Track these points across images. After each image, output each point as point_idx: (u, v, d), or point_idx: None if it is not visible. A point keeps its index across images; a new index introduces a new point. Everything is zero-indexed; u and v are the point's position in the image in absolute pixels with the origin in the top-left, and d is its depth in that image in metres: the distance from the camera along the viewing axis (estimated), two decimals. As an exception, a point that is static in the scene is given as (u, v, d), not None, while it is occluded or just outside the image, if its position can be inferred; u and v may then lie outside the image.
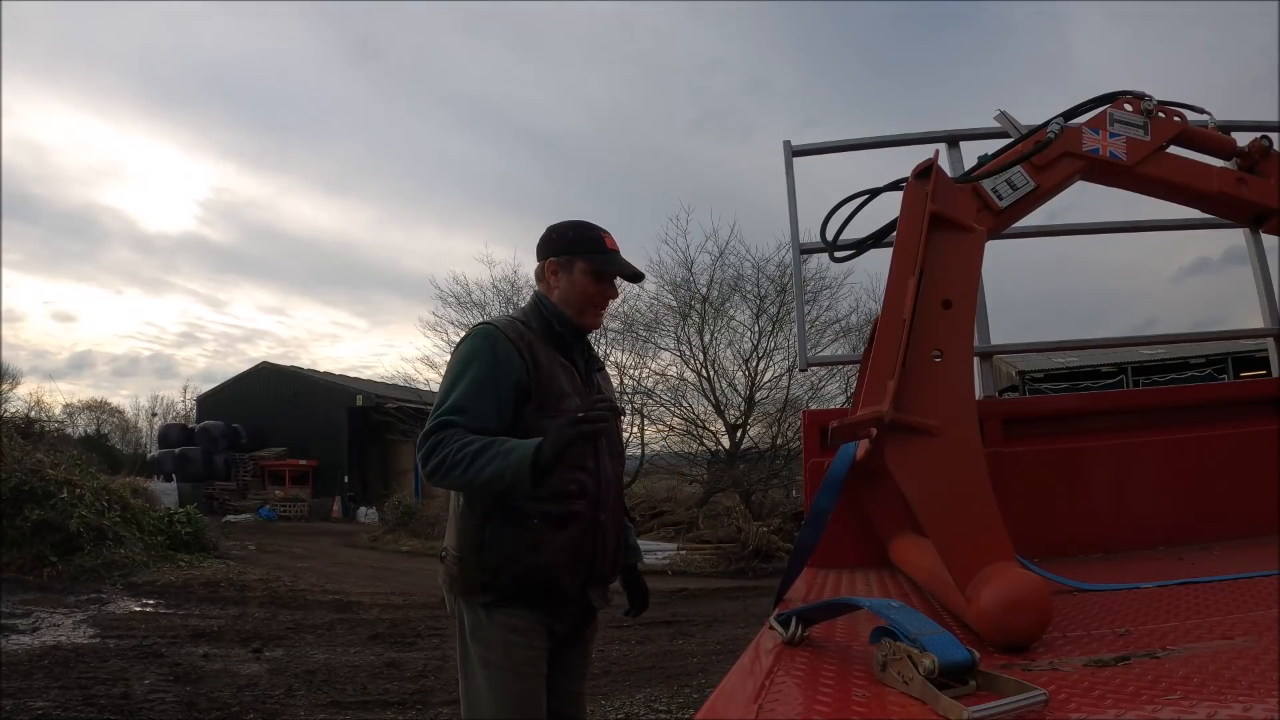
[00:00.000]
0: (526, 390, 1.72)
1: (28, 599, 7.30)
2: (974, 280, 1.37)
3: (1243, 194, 1.66)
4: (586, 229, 1.88)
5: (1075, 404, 2.71)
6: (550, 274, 1.87)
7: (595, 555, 1.79)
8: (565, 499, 1.73)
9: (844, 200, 1.75)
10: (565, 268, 1.85)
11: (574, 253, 1.85)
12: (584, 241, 1.86)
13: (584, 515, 1.75)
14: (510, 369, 1.72)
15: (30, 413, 23.77)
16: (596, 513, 1.78)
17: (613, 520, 1.85)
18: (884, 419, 1.17)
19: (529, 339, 1.77)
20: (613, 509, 1.85)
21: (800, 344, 2.95)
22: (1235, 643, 1.01)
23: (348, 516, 23.85)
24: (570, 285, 1.84)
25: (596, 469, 1.80)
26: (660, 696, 4.52)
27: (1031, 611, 1.08)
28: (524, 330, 1.79)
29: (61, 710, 4.10)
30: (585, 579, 1.79)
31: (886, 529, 1.91)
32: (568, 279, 1.85)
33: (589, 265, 1.84)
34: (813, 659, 1.12)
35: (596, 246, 1.85)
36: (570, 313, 1.85)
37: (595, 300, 1.86)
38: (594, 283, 1.84)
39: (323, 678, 4.96)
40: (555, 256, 1.86)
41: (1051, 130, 1.55)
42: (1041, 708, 0.79)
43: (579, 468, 1.75)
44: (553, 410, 1.73)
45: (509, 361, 1.72)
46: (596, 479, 1.80)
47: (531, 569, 1.70)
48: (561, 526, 1.72)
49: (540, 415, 1.71)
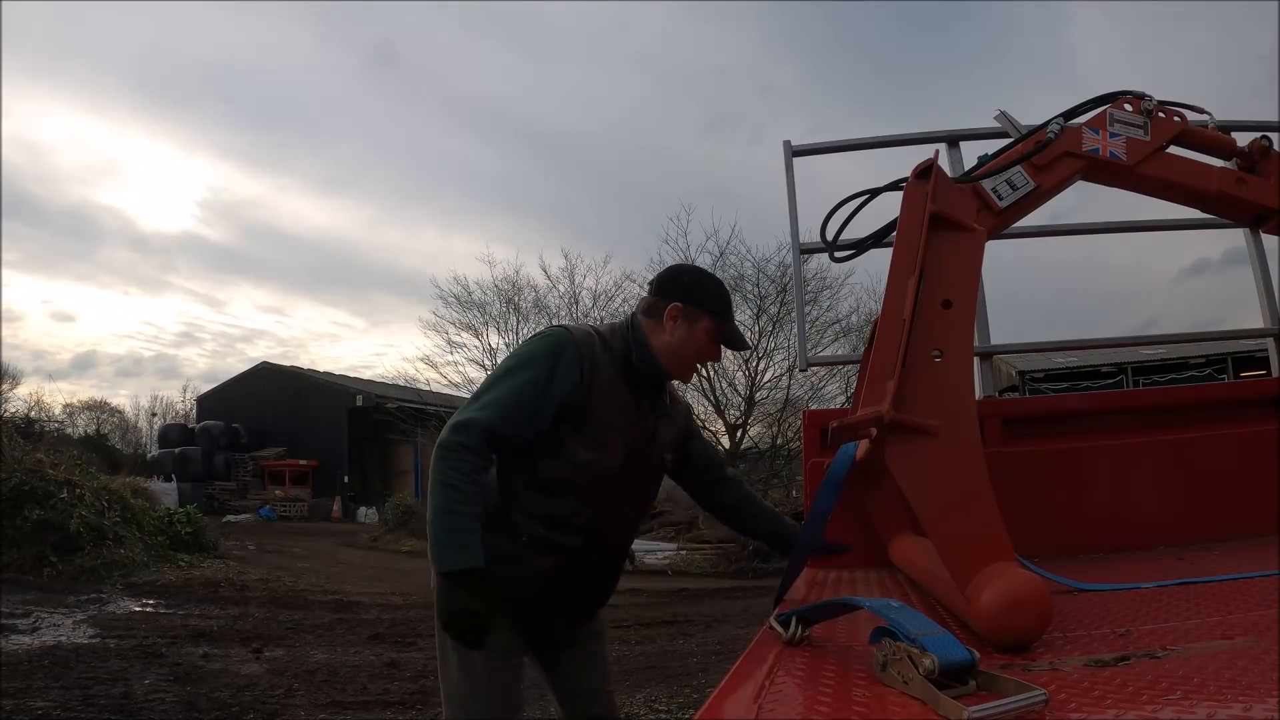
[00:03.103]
0: (570, 409, 1.65)
1: (28, 599, 7.30)
2: (974, 280, 1.37)
3: (1243, 194, 1.66)
4: (723, 290, 1.82)
5: (1075, 404, 2.72)
6: (670, 318, 1.75)
7: (574, 590, 1.74)
8: (562, 528, 1.67)
9: (844, 200, 1.75)
10: (689, 319, 1.75)
11: (705, 308, 1.76)
12: (718, 303, 1.79)
13: (572, 550, 1.68)
14: (563, 384, 1.65)
15: (30, 413, 23.83)
16: (589, 552, 1.71)
17: (607, 561, 1.80)
18: (884, 419, 1.17)
19: (598, 360, 1.70)
20: (611, 551, 1.80)
21: (800, 344, 2.95)
22: (1235, 643, 1.01)
23: (348, 516, 23.85)
24: (688, 338, 1.75)
25: (608, 510, 1.72)
26: (660, 696, 4.52)
27: (1031, 612, 1.08)
28: (598, 349, 1.71)
29: (61, 710, 4.09)
30: (559, 610, 1.74)
31: (886, 529, 1.91)
32: (687, 331, 1.75)
33: (715, 328, 1.76)
34: (813, 659, 1.12)
35: (727, 312, 1.80)
36: (668, 362, 1.76)
37: (703, 360, 1.81)
38: (711, 345, 1.78)
39: (323, 678, 4.96)
40: (684, 303, 1.75)
41: (1051, 130, 1.55)
42: (1041, 708, 0.79)
43: (590, 502, 1.68)
44: (589, 440, 1.66)
45: (565, 376, 1.65)
46: (604, 520, 1.72)
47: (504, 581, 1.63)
48: (545, 553, 1.66)
49: (574, 437, 1.66)
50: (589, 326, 1.81)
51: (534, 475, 1.67)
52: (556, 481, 1.66)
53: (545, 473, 1.66)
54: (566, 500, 1.66)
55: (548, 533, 1.66)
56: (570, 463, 1.66)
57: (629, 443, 1.72)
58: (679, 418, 1.91)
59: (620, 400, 1.72)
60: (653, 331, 1.76)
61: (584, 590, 1.78)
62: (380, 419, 20.84)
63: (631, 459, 1.73)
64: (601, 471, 1.68)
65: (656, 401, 1.81)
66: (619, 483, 1.72)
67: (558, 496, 1.66)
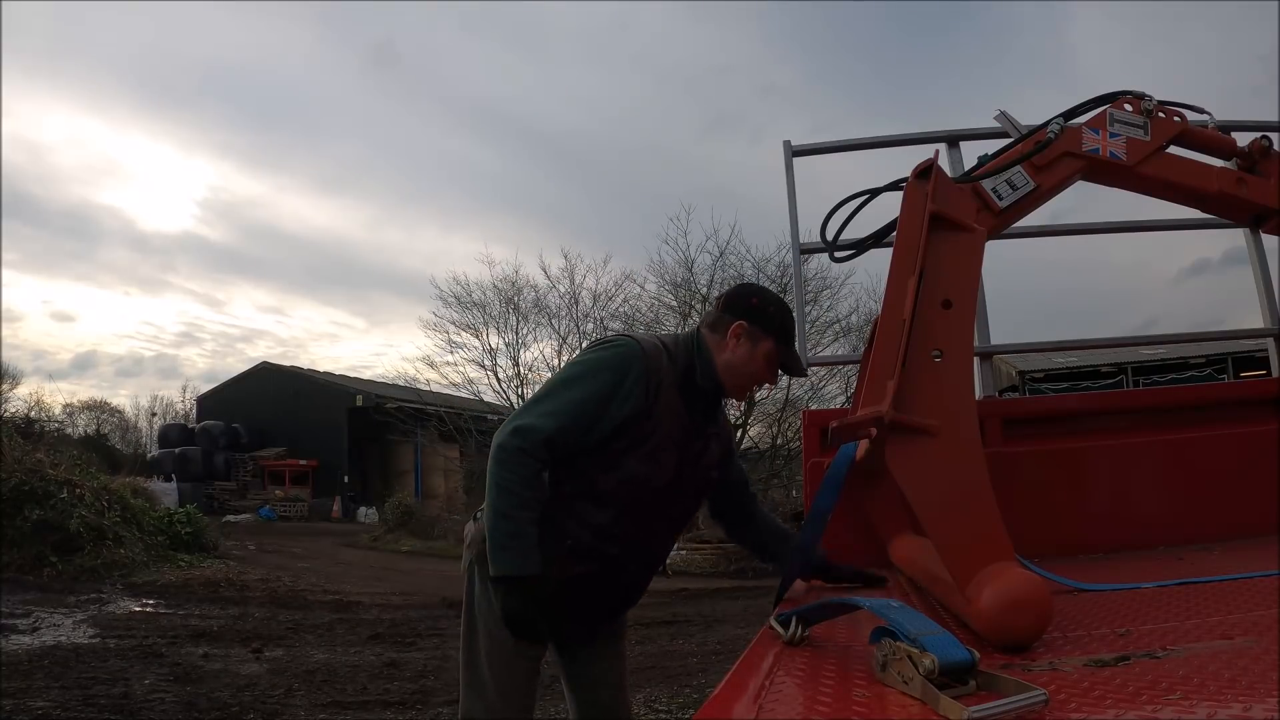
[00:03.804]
0: (629, 426, 1.66)
1: (28, 599, 7.30)
2: (974, 280, 1.37)
3: (1243, 194, 1.66)
4: (789, 316, 1.81)
5: (1075, 404, 2.72)
6: (733, 335, 1.75)
7: (603, 596, 1.77)
8: (603, 538, 1.68)
9: (844, 200, 1.75)
10: (752, 339, 1.74)
11: (768, 331, 1.75)
12: (782, 327, 1.78)
13: (610, 558, 1.70)
14: (628, 401, 1.65)
15: (30, 413, 23.83)
16: (626, 561, 1.74)
17: (640, 571, 1.82)
18: (884, 419, 1.17)
19: (664, 377, 1.70)
20: (645, 563, 1.82)
21: (800, 344, 2.95)
22: (1235, 643, 1.01)
23: (348, 516, 23.85)
24: (749, 358, 1.75)
25: (649, 524, 1.74)
26: (660, 696, 4.52)
27: (1031, 612, 1.08)
28: (665, 365, 1.72)
29: (61, 710, 4.09)
30: (583, 613, 1.76)
31: (886, 529, 1.91)
32: (749, 351, 1.74)
33: (776, 352, 1.76)
34: (813, 659, 1.12)
35: (789, 338, 1.79)
36: (727, 379, 1.76)
37: (759, 381, 1.81)
38: (768, 368, 1.77)
39: (323, 678, 4.95)
40: (749, 322, 1.75)
41: (1051, 130, 1.55)
42: (1041, 708, 0.79)
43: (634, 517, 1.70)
44: (645, 456, 1.67)
45: (630, 393, 1.65)
46: (644, 533, 1.74)
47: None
48: (584, 560, 1.68)
49: (630, 453, 1.66)
50: (657, 339, 1.80)
51: (586, 485, 1.67)
52: (606, 494, 1.67)
53: (598, 485, 1.67)
54: (611, 511, 1.67)
55: (592, 541, 1.67)
56: (622, 477, 1.67)
57: (681, 459, 1.72)
58: (725, 434, 1.92)
59: (678, 416, 1.72)
60: (715, 348, 1.77)
61: (613, 596, 1.80)
62: (380, 419, 20.80)
63: (681, 474, 1.73)
64: (651, 487, 1.69)
65: (711, 418, 1.82)
66: (666, 498, 1.73)
67: (604, 507, 1.67)
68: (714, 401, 1.83)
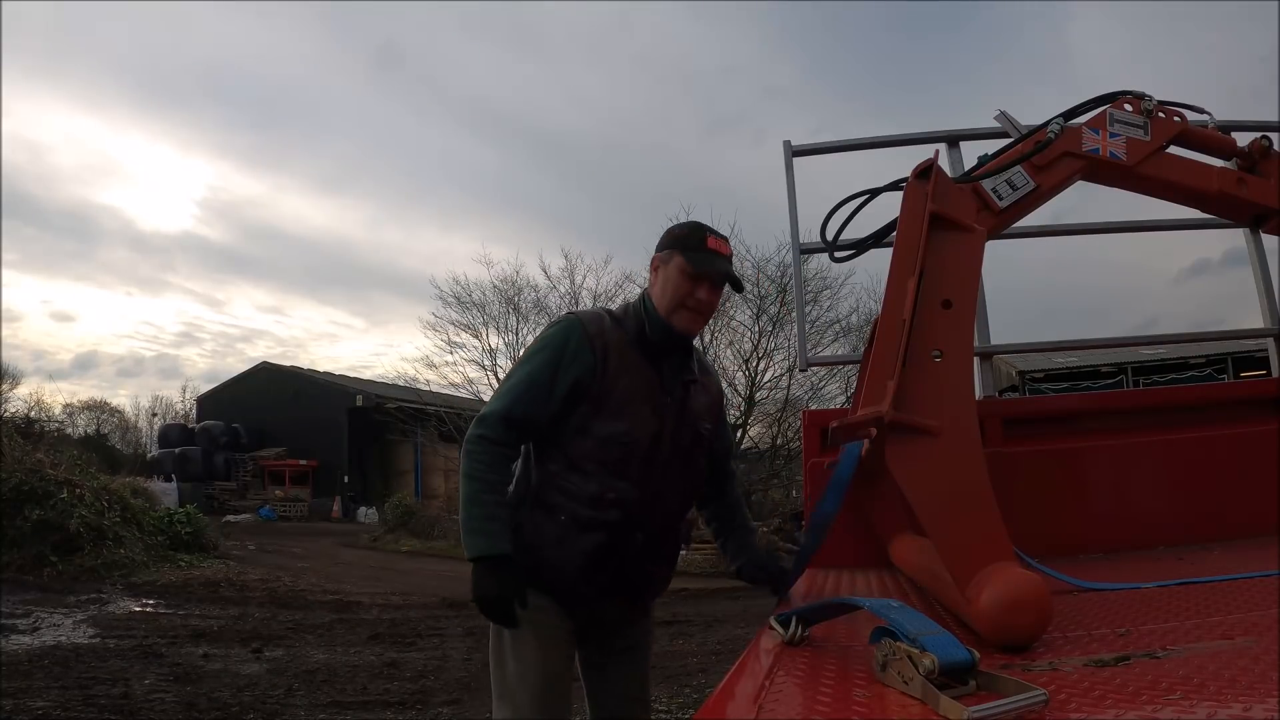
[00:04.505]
0: (586, 389, 1.69)
1: (28, 599, 7.30)
2: (974, 280, 1.37)
3: (1243, 194, 1.66)
4: (693, 227, 1.80)
5: (1075, 404, 2.72)
6: (652, 270, 1.81)
7: (619, 569, 1.73)
8: (598, 504, 1.68)
9: (844, 200, 1.75)
10: (665, 263, 1.77)
11: (671, 247, 1.77)
12: (686, 237, 1.77)
13: (615, 526, 1.70)
14: (575, 366, 1.69)
15: (30, 413, 23.82)
16: (632, 529, 1.71)
17: (654, 541, 1.78)
18: (884, 419, 1.17)
19: (610, 337, 1.73)
20: (658, 530, 1.78)
21: (800, 344, 2.95)
22: (1235, 643, 1.01)
23: (348, 516, 23.84)
24: (665, 281, 1.76)
25: (645, 484, 1.72)
26: (660, 696, 4.51)
27: (1031, 611, 1.08)
28: (608, 327, 1.75)
29: (61, 710, 4.09)
30: (605, 588, 1.74)
31: (886, 529, 1.91)
32: (664, 274, 1.77)
33: (683, 262, 1.74)
34: (813, 659, 1.12)
35: (695, 244, 1.75)
36: (661, 312, 1.76)
37: (685, 300, 1.74)
38: (685, 280, 1.73)
39: (323, 678, 4.95)
40: (660, 251, 1.79)
41: (1051, 130, 1.55)
42: (1041, 708, 0.79)
43: (623, 477, 1.70)
44: (611, 413, 1.69)
45: (576, 358, 1.69)
46: (642, 495, 1.71)
47: (546, 562, 1.69)
48: (585, 531, 1.69)
49: (597, 417, 1.69)
50: (601, 309, 1.84)
51: (567, 457, 1.70)
52: (588, 460, 1.69)
53: (577, 452, 1.70)
54: (600, 477, 1.69)
55: (589, 512, 1.68)
56: (598, 439, 1.69)
57: (658, 411, 1.73)
58: (713, 387, 1.94)
59: (639, 372, 1.73)
60: (651, 293, 1.80)
61: (630, 570, 1.76)
62: (380, 419, 20.82)
63: (664, 427, 1.73)
64: (631, 444, 1.70)
65: (683, 368, 1.81)
66: (653, 455, 1.72)
67: (591, 475, 1.69)
68: (682, 350, 1.81)
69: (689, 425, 1.80)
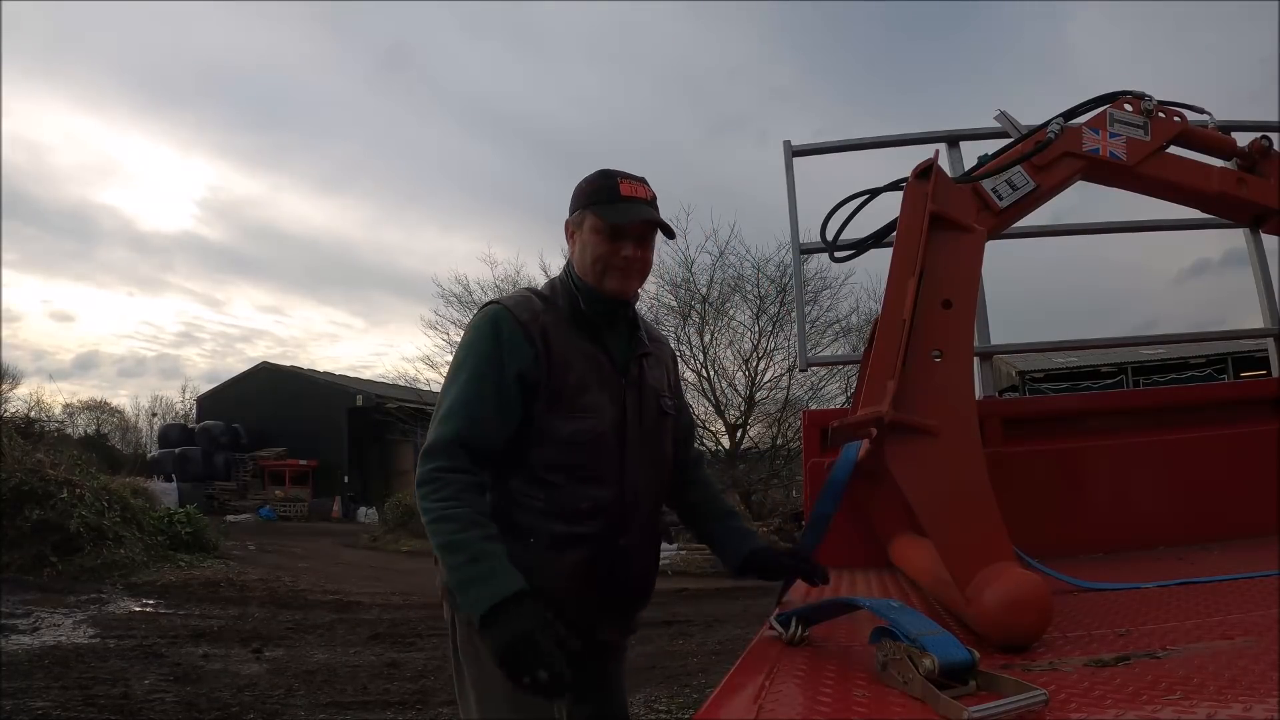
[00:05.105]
0: (535, 384, 1.46)
1: (28, 599, 7.29)
2: (974, 280, 1.37)
3: (1243, 194, 1.66)
4: (601, 177, 1.55)
5: (1075, 404, 2.71)
6: (568, 239, 1.58)
7: (608, 584, 1.51)
8: (574, 518, 1.47)
9: (844, 200, 1.75)
10: (578, 226, 1.55)
11: (582, 206, 1.54)
12: (595, 192, 1.53)
13: (596, 538, 1.48)
14: (514, 359, 1.44)
15: (30, 413, 23.82)
16: (615, 536, 1.50)
17: (641, 543, 1.57)
18: (884, 419, 1.17)
19: (544, 320, 1.49)
20: (641, 530, 1.56)
21: (800, 344, 2.95)
22: (1235, 643, 1.01)
23: (348, 516, 23.85)
24: (583, 248, 1.54)
25: (620, 482, 1.51)
26: (660, 696, 4.51)
27: (1032, 611, 1.09)
28: (540, 309, 1.51)
29: (61, 710, 4.09)
30: (596, 610, 1.52)
31: (886, 529, 1.91)
32: (581, 239, 1.54)
33: (597, 220, 1.51)
34: (813, 659, 1.12)
35: (605, 195, 1.52)
36: (589, 280, 1.53)
37: (611, 262, 1.51)
38: (604, 241, 1.51)
39: (323, 678, 4.95)
40: (571, 215, 1.57)
41: (1051, 130, 1.55)
42: (1041, 708, 0.79)
43: (595, 480, 1.49)
44: (567, 408, 1.47)
45: (514, 351, 1.45)
46: (620, 495, 1.51)
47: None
48: (564, 549, 1.46)
49: (552, 415, 1.47)
50: (525, 289, 1.62)
51: (528, 469, 1.48)
52: (551, 469, 1.47)
53: (537, 462, 1.47)
54: (569, 487, 1.47)
55: (564, 528, 1.46)
56: (558, 442, 1.47)
57: (615, 397, 1.53)
58: (666, 356, 1.73)
59: (584, 354, 1.52)
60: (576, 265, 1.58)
61: (621, 581, 1.55)
62: (380, 419, 20.85)
63: (625, 413, 1.53)
64: (594, 439, 1.48)
65: (631, 340, 1.60)
66: (619, 447, 1.52)
67: (558, 486, 1.47)
68: (626, 322, 1.61)
69: (650, 404, 1.59)
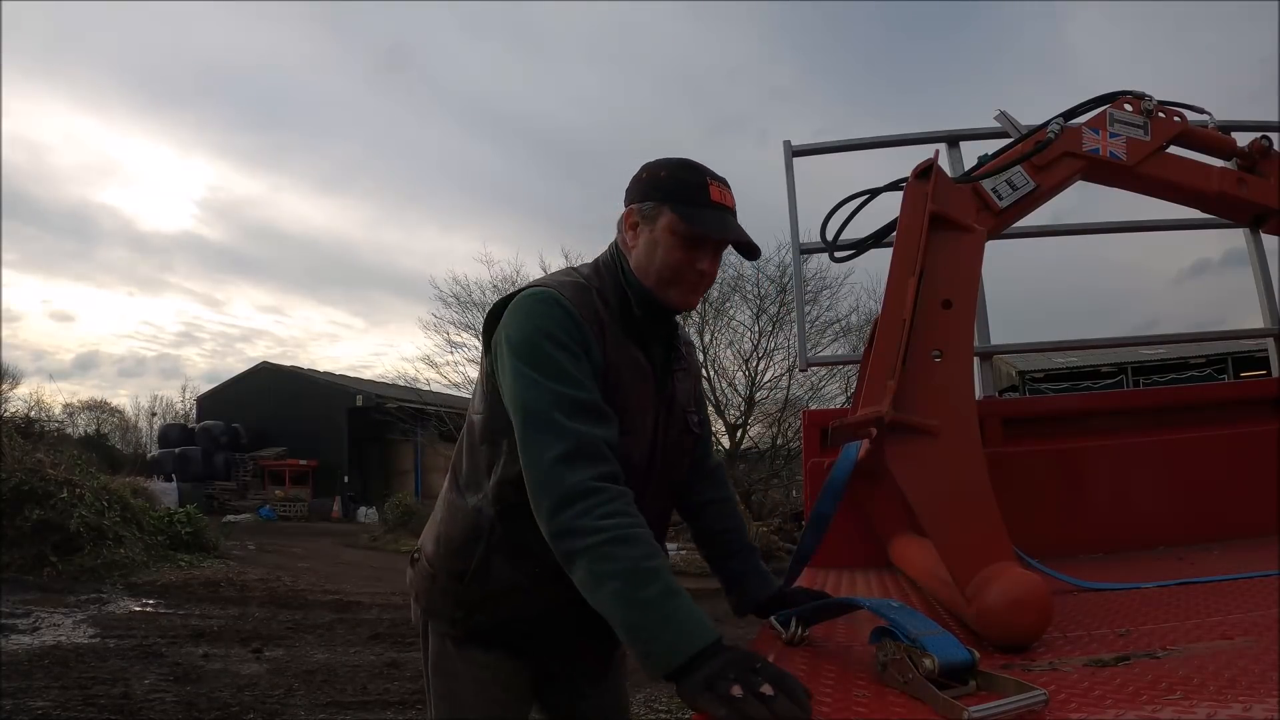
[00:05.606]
0: None
1: (28, 599, 7.29)
2: (974, 280, 1.37)
3: (1243, 194, 1.66)
4: (687, 170, 1.29)
5: (1075, 404, 2.71)
6: (629, 227, 1.31)
7: None
8: None
9: (844, 200, 1.75)
10: (648, 220, 1.28)
11: (658, 199, 1.28)
12: (680, 187, 1.27)
13: None
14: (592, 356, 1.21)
15: (30, 413, 23.82)
16: None
17: None
18: (884, 419, 1.17)
19: (603, 319, 1.26)
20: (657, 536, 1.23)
21: (800, 344, 2.95)
22: (1235, 643, 1.01)
23: (348, 516, 23.83)
24: (650, 246, 1.28)
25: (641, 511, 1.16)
26: (660, 696, 4.52)
27: (1032, 611, 1.09)
28: (598, 306, 1.26)
29: (61, 710, 4.09)
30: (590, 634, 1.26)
31: (886, 529, 1.91)
32: (650, 237, 1.28)
33: (678, 221, 1.25)
34: (813, 659, 1.12)
35: (693, 195, 1.26)
36: (649, 284, 1.29)
37: (683, 272, 1.28)
38: (681, 246, 1.26)
39: (323, 678, 4.95)
40: (640, 203, 1.30)
41: (1051, 130, 1.55)
42: (1041, 708, 0.79)
43: None
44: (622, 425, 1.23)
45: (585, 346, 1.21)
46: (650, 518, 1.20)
47: (517, 616, 1.32)
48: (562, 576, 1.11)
49: None
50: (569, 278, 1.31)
51: None
52: None
53: None
54: None
55: None
56: None
57: (654, 416, 1.32)
58: (694, 366, 1.51)
59: (632, 365, 1.29)
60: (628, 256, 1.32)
61: None
62: (380, 419, 20.82)
63: (655, 435, 1.33)
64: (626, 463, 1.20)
65: (670, 350, 1.39)
66: (647, 471, 1.31)
67: None
68: (669, 327, 1.39)
69: (678, 423, 1.39)
